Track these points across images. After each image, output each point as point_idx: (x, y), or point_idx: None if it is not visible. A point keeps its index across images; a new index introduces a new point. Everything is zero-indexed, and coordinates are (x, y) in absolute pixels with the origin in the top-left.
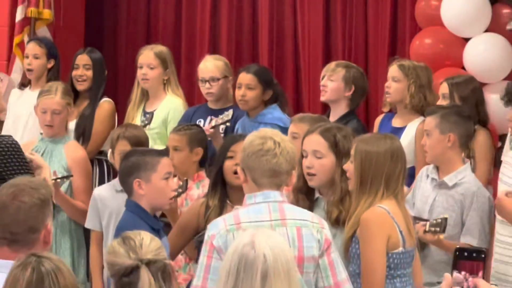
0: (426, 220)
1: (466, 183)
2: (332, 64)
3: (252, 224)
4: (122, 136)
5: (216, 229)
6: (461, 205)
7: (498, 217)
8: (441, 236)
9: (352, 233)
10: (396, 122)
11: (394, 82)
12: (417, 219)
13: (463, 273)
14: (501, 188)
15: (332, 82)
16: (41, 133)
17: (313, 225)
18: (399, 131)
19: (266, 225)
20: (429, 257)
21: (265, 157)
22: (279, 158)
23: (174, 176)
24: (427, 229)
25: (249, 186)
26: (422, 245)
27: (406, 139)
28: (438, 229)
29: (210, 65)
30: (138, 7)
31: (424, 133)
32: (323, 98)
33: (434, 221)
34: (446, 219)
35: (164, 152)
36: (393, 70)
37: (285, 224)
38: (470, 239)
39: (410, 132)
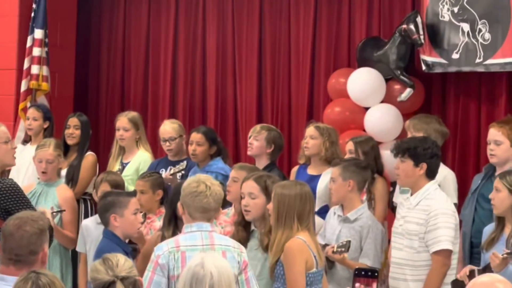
0: None
1: (364, 218)
2: (257, 127)
3: (188, 247)
4: (105, 180)
5: (161, 250)
6: (360, 235)
7: (391, 243)
8: (345, 255)
9: (277, 259)
10: (311, 171)
11: (312, 140)
12: (326, 245)
13: (357, 284)
14: (398, 223)
15: (257, 141)
16: (38, 178)
17: (234, 250)
18: (315, 178)
19: (199, 248)
20: (335, 274)
21: (198, 197)
22: (209, 198)
23: (140, 212)
24: (335, 250)
25: (186, 218)
26: (330, 265)
27: (323, 184)
28: (343, 249)
29: (168, 128)
30: (115, 81)
31: (330, 180)
32: (249, 153)
33: (340, 243)
34: (349, 241)
35: (133, 193)
36: (311, 130)
37: (213, 248)
38: (366, 260)
39: (326, 179)
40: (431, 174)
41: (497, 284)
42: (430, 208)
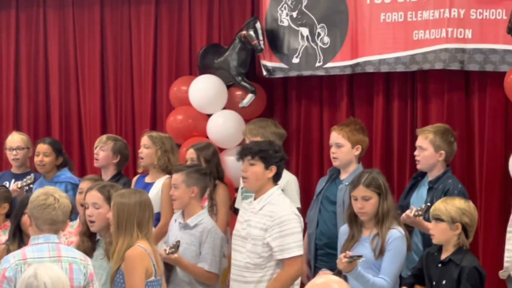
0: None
1: (204, 224)
2: (103, 137)
3: (35, 259)
4: None
5: (8, 263)
6: (199, 240)
7: (232, 245)
8: (176, 255)
9: (118, 267)
10: (148, 179)
11: (146, 149)
12: (172, 248)
13: None
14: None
15: (103, 151)
16: None
17: (81, 262)
18: (149, 185)
19: (46, 260)
20: (175, 277)
21: (46, 210)
22: (57, 211)
23: None
24: (167, 252)
25: (34, 230)
26: (170, 268)
27: (154, 191)
28: (173, 249)
29: (17, 138)
30: None
31: (173, 186)
32: (96, 164)
33: (172, 245)
34: (179, 241)
35: None
36: (144, 139)
37: (60, 260)
38: (204, 264)
39: (158, 186)
40: (277, 177)
41: (332, 284)
42: (275, 215)
